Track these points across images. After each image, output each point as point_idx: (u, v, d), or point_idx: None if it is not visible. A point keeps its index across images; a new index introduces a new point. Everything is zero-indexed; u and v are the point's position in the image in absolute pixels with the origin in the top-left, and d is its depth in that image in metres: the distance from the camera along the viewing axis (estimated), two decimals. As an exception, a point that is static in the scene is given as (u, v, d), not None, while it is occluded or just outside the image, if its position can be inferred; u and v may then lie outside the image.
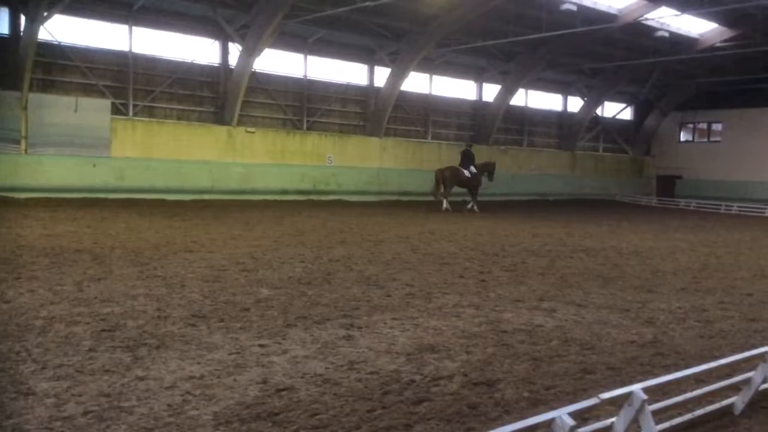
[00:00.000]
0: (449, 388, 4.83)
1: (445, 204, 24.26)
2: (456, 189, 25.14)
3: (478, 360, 5.58)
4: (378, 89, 28.59)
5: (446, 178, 24.45)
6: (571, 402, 4.12)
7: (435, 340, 6.17)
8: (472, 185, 25.38)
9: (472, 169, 25.35)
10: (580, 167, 38.11)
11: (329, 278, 9.21)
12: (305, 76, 27.10)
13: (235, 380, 4.83)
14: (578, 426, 3.27)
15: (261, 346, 5.72)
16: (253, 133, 25.27)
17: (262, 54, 23.93)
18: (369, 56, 28.09)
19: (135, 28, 22.85)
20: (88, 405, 4.27)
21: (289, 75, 26.79)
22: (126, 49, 22.80)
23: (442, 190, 24.45)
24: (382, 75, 28.55)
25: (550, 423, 3.07)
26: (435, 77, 31.26)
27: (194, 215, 18.18)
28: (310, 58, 27.06)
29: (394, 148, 29.54)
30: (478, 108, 33.25)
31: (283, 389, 4.65)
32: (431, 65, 29.97)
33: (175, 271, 9.34)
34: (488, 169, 26.01)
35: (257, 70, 24.99)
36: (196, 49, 24.25)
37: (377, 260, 11.14)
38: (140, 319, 6.52)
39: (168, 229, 14.53)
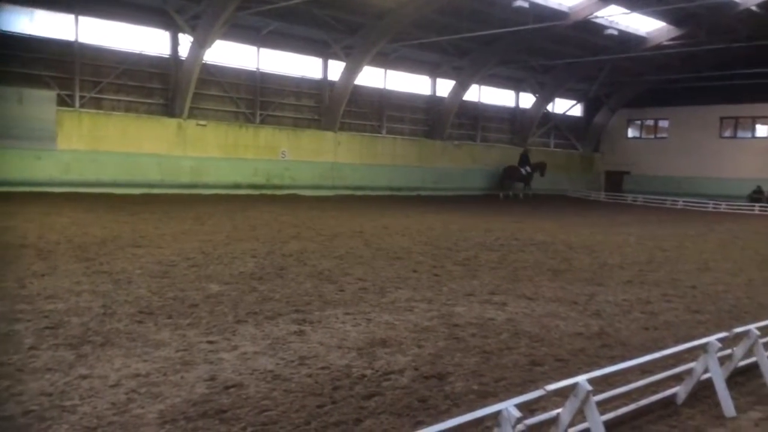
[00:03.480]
0: (400, 382, 4.83)
1: (502, 195, 32.87)
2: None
3: (429, 354, 5.61)
4: (332, 83, 28.44)
5: (506, 175, 33.47)
6: (520, 394, 4.16)
7: (387, 334, 6.18)
8: (527, 180, 33.92)
9: (528, 168, 33.93)
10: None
11: (282, 273, 9.13)
12: (258, 68, 26.78)
13: (182, 378, 4.74)
14: (525, 417, 3.31)
15: (210, 342, 5.64)
16: (204, 126, 24.86)
17: (213, 45, 23.54)
18: (323, 50, 27.91)
19: (81, 18, 22.21)
20: (29, 404, 4.15)
21: (241, 67, 26.43)
22: (72, 38, 22.15)
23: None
24: (336, 69, 28.39)
25: (497, 415, 3.09)
26: (390, 72, 31.26)
27: (143, 210, 17.80)
28: (263, 50, 26.74)
29: (349, 143, 29.45)
30: (432, 103, 33.38)
31: (232, 386, 4.59)
32: (386, 60, 29.95)
33: (122, 266, 9.13)
34: (540, 168, 34.55)
35: (208, 62, 24.58)
36: (145, 40, 23.72)
37: (330, 255, 11.09)
38: (85, 316, 6.36)
39: (115, 224, 14.19)
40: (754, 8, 27.79)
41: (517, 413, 3.05)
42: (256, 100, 26.81)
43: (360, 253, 11.46)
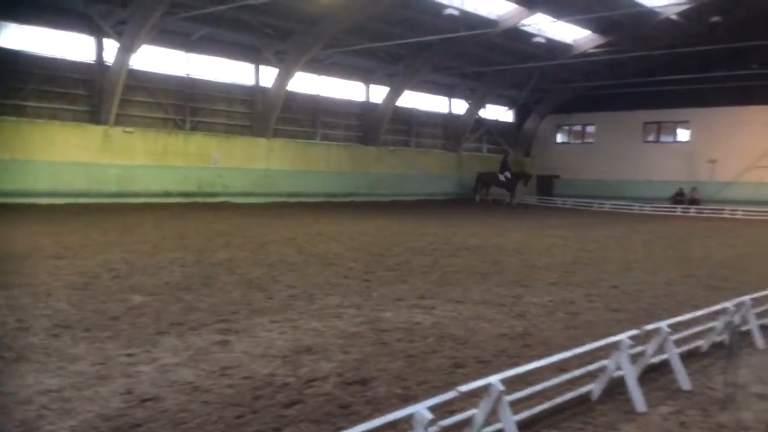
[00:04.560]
0: (323, 389, 4.82)
1: (478, 198, 34.68)
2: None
3: (354, 359, 5.61)
4: (265, 89, 28.16)
5: (481, 181, 35.02)
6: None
7: (313, 341, 6.15)
8: (507, 186, 34.56)
9: (507, 174, 34.53)
10: (466, 168, 39.12)
11: (209, 282, 8.98)
12: (188, 74, 26.28)
13: (96, 392, 4.60)
14: (439, 419, 3.34)
15: (128, 355, 5.49)
16: (131, 133, 24.20)
17: (140, 51, 22.98)
18: (255, 55, 27.61)
19: (1, 23, 21.29)
20: (-72, 427, 3.95)
21: (170, 73, 25.86)
22: (-10, 43, 21.26)
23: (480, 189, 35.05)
24: (269, 75, 28.14)
25: (410, 418, 3.11)
26: (323, 78, 31.20)
27: (67, 220, 17.22)
28: (193, 56, 26.26)
29: (282, 149, 29.21)
30: (366, 109, 33.47)
31: (148, 399, 4.48)
32: (319, 66, 29.88)
33: (41, 279, 8.81)
34: (524, 177, 35.45)
35: (136, 68, 23.97)
36: (69, 45, 22.94)
37: (262, 263, 10.98)
38: (-3, 332, 6.11)
39: (37, 236, 13.67)
40: (673, 17, 29.04)
41: (429, 415, 3.08)
42: (186, 107, 26.30)
43: (292, 260, 11.38)
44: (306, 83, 30.27)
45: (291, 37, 26.61)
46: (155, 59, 25.16)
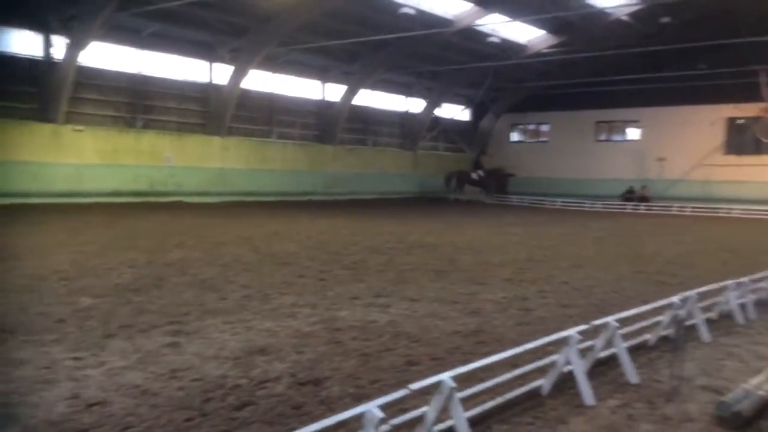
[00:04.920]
0: (275, 390, 4.77)
1: (453, 197, 35.55)
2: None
3: (308, 359, 5.58)
4: (219, 87, 27.77)
5: (454, 179, 36.10)
6: (393, 395, 4.19)
7: (267, 341, 6.09)
8: (480, 184, 36.18)
9: (480, 172, 36.40)
10: (422, 166, 39.31)
11: (160, 284, 8.82)
12: (139, 71, 25.76)
13: (41, 397, 4.48)
14: (391, 417, 3.34)
15: (75, 359, 5.36)
16: (81, 131, 23.62)
17: (90, 47, 22.45)
18: (209, 53, 27.22)
19: (-59, 15, 20.60)
20: None
21: (121, 70, 25.31)
22: (-70, 37, 20.50)
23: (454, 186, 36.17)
24: (223, 72, 27.77)
25: (360, 417, 3.11)
26: (279, 76, 30.93)
27: (13, 221, 16.69)
28: (145, 53, 25.75)
29: (237, 148, 28.88)
30: (323, 107, 33.31)
31: (95, 403, 4.38)
32: (275, 63, 29.60)
33: (-16, 282, 8.53)
34: (497, 174, 36.95)
35: (85, 65, 23.41)
36: (15, 41, 22.26)
37: (215, 263, 10.83)
38: (-64, 337, 5.89)
39: (-19, 237, 13.26)
40: (624, 18, 29.62)
41: (379, 414, 3.07)
42: (137, 104, 25.77)
43: (247, 260, 11.26)
44: (261, 81, 29.97)
45: (245, 35, 26.32)
46: (106, 56, 24.59)
